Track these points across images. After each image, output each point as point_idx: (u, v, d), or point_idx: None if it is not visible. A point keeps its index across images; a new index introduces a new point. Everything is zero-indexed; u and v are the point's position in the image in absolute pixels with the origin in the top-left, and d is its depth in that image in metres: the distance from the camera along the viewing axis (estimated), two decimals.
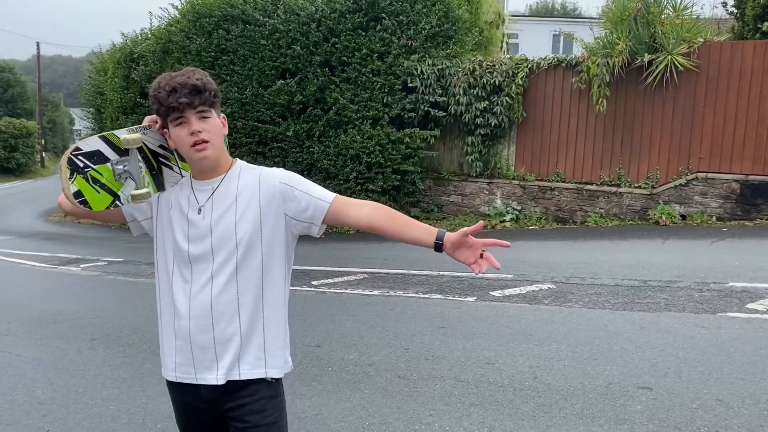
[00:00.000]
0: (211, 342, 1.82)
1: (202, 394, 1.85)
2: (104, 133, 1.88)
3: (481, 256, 1.81)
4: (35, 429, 3.76)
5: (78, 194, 1.83)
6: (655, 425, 3.36)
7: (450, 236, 1.82)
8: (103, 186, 1.86)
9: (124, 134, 1.86)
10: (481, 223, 1.83)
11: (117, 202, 1.89)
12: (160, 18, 13.38)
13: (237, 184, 1.84)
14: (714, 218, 9.47)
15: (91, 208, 1.86)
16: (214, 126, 1.81)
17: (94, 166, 1.85)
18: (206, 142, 1.78)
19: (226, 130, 1.88)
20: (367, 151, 10.95)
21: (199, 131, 1.76)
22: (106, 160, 1.86)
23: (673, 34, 9.43)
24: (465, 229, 1.80)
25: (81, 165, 1.83)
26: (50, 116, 46.71)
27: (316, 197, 1.86)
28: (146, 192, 1.88)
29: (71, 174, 1.82)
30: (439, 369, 4.33)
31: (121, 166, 1.87)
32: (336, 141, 11.23)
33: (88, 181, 1.84)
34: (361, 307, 6.02)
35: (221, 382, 1.82)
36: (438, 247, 1.82)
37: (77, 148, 1.84)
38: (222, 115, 1.88)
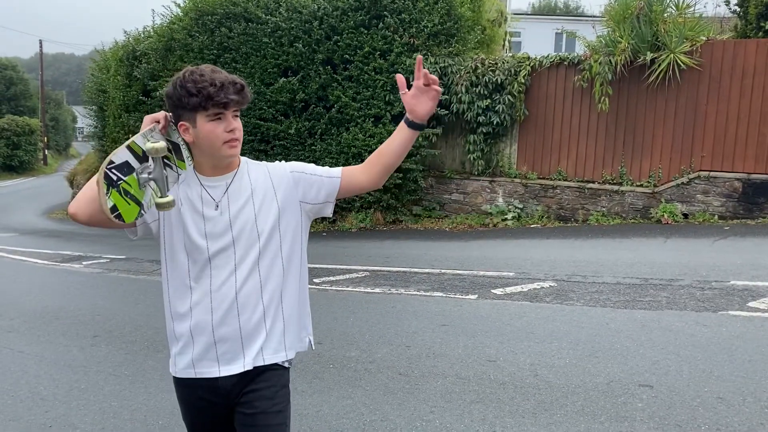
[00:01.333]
0: (237, 333, 1.85)
1: (219, 386, 1.86)
2: (128, 143, 1.84)
3: (426, 85, 1.89)
4: (38, 425, 3.78)
5: (114, 209, 1.78)
6: (655, 423, 3.36)
7: (406, 107, 1.91)
8: (132, 197, 1.83)
9: (140, 140, 1.83)
10: (398, 75, 1.96)
11: (141, 211, 1.86)
12: (163, 16, 13.38)
13: (249, 179, 1.90)
14: (716, 217, 9.46)
15: (124, 221, 1.82)
16: (241, 125, 1.89)
17: (125, 178, 1.81)
18: (238, 140, 1.85)
19: None
20: (370, 149, 10.94)
21: (236, 129, 1.83)
22: (132, 170, 1.83)
23: (675, 33, 9.41)
24: (400, 91, 1.92)
25: (114, 178, 1.79)
26: (53, 114, 46.78)
27: (326, 176, 1.94)
28: (171, 200, 1.84)
29: (107, 189, 1.77)
30: (441, 366, 4.33)
31: (145, 174, 1.84)
32: (338, 139, 11.24)
33: (121, 194, 1.80)
34: (362, 305, 6.03)
35: (248, 367, 1.86)
36: (410, 124, 1.91)
37: (111, 162, 1.80)
38: None
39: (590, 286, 6.23)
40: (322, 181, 1.93)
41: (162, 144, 1.82)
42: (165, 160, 1.92)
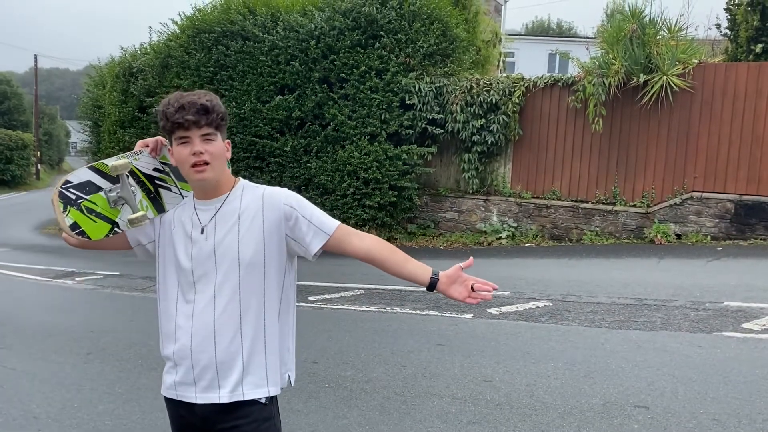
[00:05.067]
0: (213, 360, 1.83)
1: (196, 412, 1.87)
2: (93, 164, 1.91)
3: (473, 289, 1.89)
4: None
5: (74, 226, 1.87)
6: None
7: (445, 272, 1.89)
8: (99, 215, 1.89)
9: (112, 161, 1.89)
10: (471, 259, 1.92)
11: (116, 228, 1.92)
12: (160, 33, 13.45)
13: (240, 204, 1.86)
14: (709, 237, 9.52)
15: (89, 238, 1.89)
16: (217, 148, 1.82)
17: (87, 197, 1.88)
18: (207, 164, 1.79)
19: (228, 155, 1.90)
20: (365, 167, 10.99)
21: (201, 152, 1.78)
22: (98, 189, 1.89)
23: (668, 55, 9.54)
24: (459, 264, 1.89)
25: (73, 197, 1.86)
26: (46, 129, 46.65)
27: (317, 226, 1.88)
28: (142, 215, 1.90)
29: (64, 207, 1.86)
30: (437, 386, 4.32)
31: (114, 194, 1.90)
32: (333, 157, 11.27)
33: (82, 212, 1.87)
34: (357, 324, 6.02)
35: (225, 400, 1.83)
36: (433, 283, 1.88)
37: (67, 181, 1.88)
38: (227, 140, 1.89)
39: (585, 306, 6.25)
40: (310, 225, 1.87)
41: (122, 161, 1.88)
42: (161, 182, 1.96)
